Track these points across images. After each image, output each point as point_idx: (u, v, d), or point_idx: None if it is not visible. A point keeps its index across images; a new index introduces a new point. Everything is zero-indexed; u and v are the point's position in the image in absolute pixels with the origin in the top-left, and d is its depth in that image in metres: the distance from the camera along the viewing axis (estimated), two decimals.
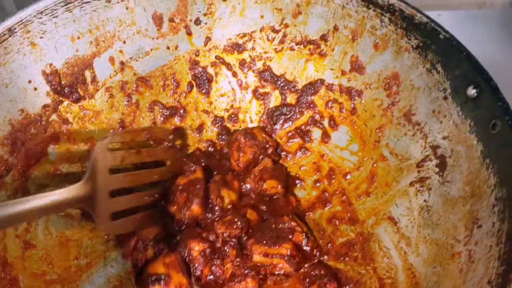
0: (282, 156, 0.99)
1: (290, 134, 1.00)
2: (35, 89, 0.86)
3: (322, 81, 0.96)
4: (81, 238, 0.87)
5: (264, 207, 0.90)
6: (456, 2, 1.43)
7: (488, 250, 0.65)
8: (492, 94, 0.71)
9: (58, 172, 0.90)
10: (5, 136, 0.84)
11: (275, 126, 1.01)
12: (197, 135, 1.01)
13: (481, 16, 1.35)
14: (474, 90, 0.73)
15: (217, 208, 0.87)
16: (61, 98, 0.90)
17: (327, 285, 0.80)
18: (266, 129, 1.00)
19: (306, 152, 0.98)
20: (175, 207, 0.87)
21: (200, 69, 1.00)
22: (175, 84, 0.99)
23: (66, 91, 0.90)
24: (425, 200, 0.81)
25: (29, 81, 0.85)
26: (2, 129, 0.84)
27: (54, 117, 0.90)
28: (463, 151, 0.76)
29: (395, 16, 0.82)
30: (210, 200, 0.87)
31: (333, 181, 0.94)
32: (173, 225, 0.87)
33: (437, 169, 0.80)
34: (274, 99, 1.01)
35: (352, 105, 0.93)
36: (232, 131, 1.01)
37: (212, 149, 1.00)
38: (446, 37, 0.76)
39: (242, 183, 0.93)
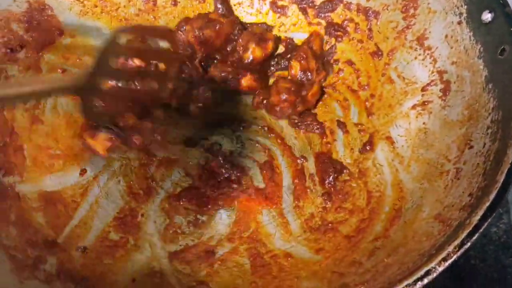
0: None
1: None
2: None
3: None
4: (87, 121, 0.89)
5: None
6: None
7: (475, 168, 0.67)
8: (506, 19, 0.70)
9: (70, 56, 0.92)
10: (22, 13, 0.86)
11: None
12: None
13: None
14: (489, 15, 0.73)
15: (236, 54, 0.92)
16: None
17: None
18: None
19: None
20: None
21: None
22: None
23: None
24: (424, 123, 0.81)
25: None
26: (20, 6, 0.86)
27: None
28: (468, 76, 0.76)
29: None
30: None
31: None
32: None
33: (440, 94, 0.80)
34: (291, 13, 1.00)
35: (368, 26, 0.93)
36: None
37: None
38: None
39: None
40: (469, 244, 0.55)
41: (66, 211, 0.79)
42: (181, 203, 0.86)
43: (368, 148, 0.87)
